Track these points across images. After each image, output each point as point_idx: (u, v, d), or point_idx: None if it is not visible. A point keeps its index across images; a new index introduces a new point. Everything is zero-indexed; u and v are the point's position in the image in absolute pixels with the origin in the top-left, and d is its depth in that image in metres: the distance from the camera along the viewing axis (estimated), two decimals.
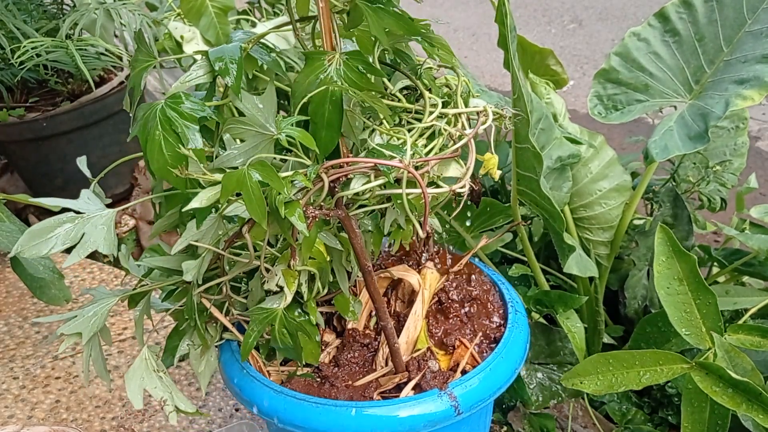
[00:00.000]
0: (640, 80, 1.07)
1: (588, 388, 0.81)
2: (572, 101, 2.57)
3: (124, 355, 1.38)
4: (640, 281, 1.14)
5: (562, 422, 1.14)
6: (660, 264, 0.84)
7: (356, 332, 0.83)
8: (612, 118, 1.08)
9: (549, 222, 0.96)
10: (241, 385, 0.77)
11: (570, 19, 3.59)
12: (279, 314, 0.71)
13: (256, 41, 0.64)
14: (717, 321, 0.81)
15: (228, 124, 0.59)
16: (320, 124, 0.60)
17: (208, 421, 1.20)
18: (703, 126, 0.93)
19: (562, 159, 0.99)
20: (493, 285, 0.91)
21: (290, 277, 0.69)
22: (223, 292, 0.76)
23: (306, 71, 0.60)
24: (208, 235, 0.67)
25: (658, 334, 1.01)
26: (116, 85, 1.86)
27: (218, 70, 0.59)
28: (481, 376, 0.75)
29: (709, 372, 0.76)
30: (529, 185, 0.93)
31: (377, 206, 0.68)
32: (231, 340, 0.83)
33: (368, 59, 0.60)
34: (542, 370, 1.04)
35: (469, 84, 0.76)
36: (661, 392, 1.12)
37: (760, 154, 2.14)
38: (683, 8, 1.04)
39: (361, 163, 0.62)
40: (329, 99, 0.59)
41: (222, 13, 0.87)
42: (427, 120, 0.68)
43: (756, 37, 0.97)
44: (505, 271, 1.08)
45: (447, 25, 0.78)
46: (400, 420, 0.70)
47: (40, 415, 1.24)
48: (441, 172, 0.69)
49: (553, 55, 1.18)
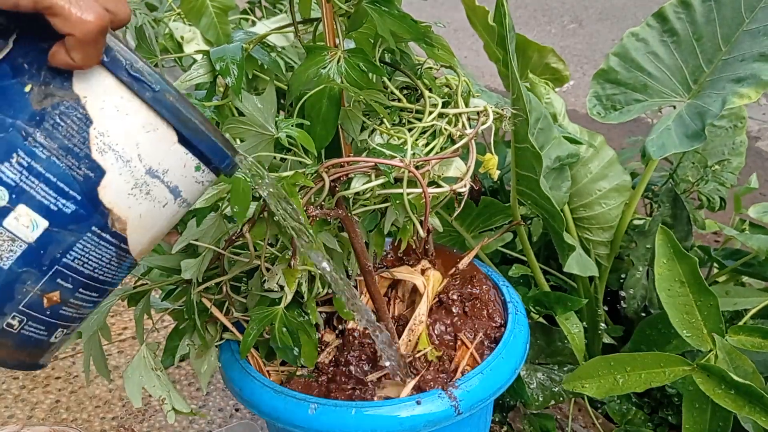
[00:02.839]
0: (638, 80, 1.07)
1: (590, 391, 0.81)
2: (572, 101, 2.57)
3: (124, 355, 1.38)
4: (639, 281, 1.14)
5: (562, 422, 1.14)
6: (661, 266, 0.84)
7: (356, 332, 0.83)
8: (611, 118, 1.08)
9: (549, 222, 0.96)
10: (241, 385, 0.77)
11: (570, 19, 3.59)
12: (279, 313, 0.71)
13: (258, 41, 0.64)
14: (718, 323, 0.81)
15: (228, 123, 0.59)
16: (316, 120, 0.60)
17: (208, 421, 1.20)
18: (700, 124, 0.93)
19: (561, 159, 0.99)
20: (493, 285, 0.91)
21: (291, 277, 0.69)
22: (223, 291, 0.76)
23: (306, 64, 0.60)
24: (208, 234, 0.67)
25: (658, 336, 1.01)
26: None
27: (219, 69, 0.59)
28: (481, 377, 0.75)
29: (711, 374, 0.76)
30: (529, 185, 0.93)
31: (378, 206, 0.68)
32: (231, 340, 0.83)
33: (369, 57, 0.60)
34: (542, 370, 1.04)
35: (470, 84, 0.76)
36: (661, 392, 1.12)
37: (760, 154, 2.14)
38: (681, 8, 1.04)
39: (361, 162, 0.62)
40: (327, 95, 0.59)
41: (222, 13, 0.87)
42: (427, 120, 0.68)
43: (753, 36, 0.97)
44: (505, 271, 1.08)
45: (447, 25, 0.78)
46: (401, 420, 0.70)
47: (40, 415, 1.24)
48: (441, 171, 0.69)
49: (553, 53, 1.18)
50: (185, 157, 0.45)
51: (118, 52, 0.41)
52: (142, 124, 0.42)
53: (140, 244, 0.46)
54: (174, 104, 0.43)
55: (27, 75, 0.40)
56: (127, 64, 0.41)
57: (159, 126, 0.43)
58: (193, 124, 0.44)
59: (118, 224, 0.43)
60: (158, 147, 0.43)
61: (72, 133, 0.41)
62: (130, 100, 0.42)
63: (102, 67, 0.41)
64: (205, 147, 0.45)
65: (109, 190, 0.42)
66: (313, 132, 0.60)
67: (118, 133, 0.42)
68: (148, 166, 0.43)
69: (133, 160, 0.42)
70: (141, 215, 0.44)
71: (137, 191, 0.43)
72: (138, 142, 0.42)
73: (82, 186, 0.41)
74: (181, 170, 0.45)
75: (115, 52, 0.41)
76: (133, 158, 0.42)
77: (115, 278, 0.46)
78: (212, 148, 0.45)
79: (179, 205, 0.46)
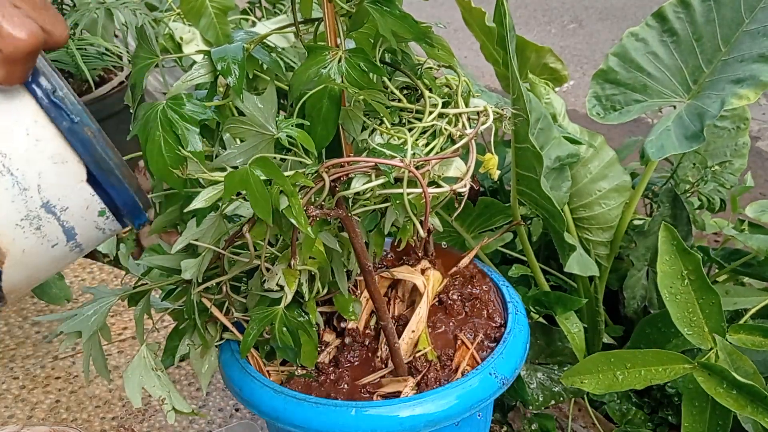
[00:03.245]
0: (638, 80, 1.07)
1: (589, 387, 0.81)
2: (572, 101, 2.57)
3: (124, 355, 1.38)
4: (639, 281, 1.14)
5: (562, 422, 1.14)
6: (663, 263, 0.84)
7: (356, 332, 0.83)
8: (610, 119, 1.08)
9: (549, 222, 0.96)
10: (241, 385, 0.78)
11: (570, 19, 3.59)
12: (279, 313, 0.71)
13: (259, 42, 0.64)
14: (720, 321, 0.81)
15: (228, 123, 0.59)
16: (317, 120, 0.61)
17: (208, 421, 1.20)
18: (699, 125, 0.93)
19: (561, 159, 0.99)
20: (493, 285, 0.91)
21: (291, 277, 0.69)
22: (223, 291, 0.76)
23: (307, 64, 0.60)
24: (208, 234, 0.67)
25: (658, 334, 1.01)
26: (116, 85, 1.86)
27: (221, 69, 0.59)
28: (481, 377, 0.75)
29: (712, 373, 0.76)
30: (529, 185, 0.93)
31: (378, 206, 0.68)
32: (231, 340, 0.83)
33: (370, 57, 0.60)
34: (542, 370, 1.04)
35: (470, 84, 0.76)
36: (661, 392, 1.12)
37: (760, 154, 2.14)
38: (681, 8, 1.04)
39: (362, 162, 0.62)
40: (327, 95, 0.59)
41: (222, 14, 0.87)
42: (427, 120, 0.68)
43: (753, 37, 0.97)
44: (505, 271, 1.08)
45: (447, 25, 0.78)
46: (401, 420, 0.70)
47: (40, 415, 1.24)
48: (441, 171, 0.69)
49: (551, 53, 1.18)
50: (90, 199, 0.41)
51: (44, 75, 0.38)
52: (50, 154, 0.39)
53: (14, 284, 0.41)
54: (90, 140, 0.40)
55: None
56: (50, 89, 0.38)
57: (69, 159, 0.40)
58: (108, 165, 0.41)
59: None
60: (62, 182, 0.40)
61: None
62: (44, 126, 0.39)
63: (23, 86, 0.38)
64: (115, 193, 0.42)
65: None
66: (313, 132, 0.60)
67: (22, 157, 0.38)
68: (45, 200, 0.39)
69: (30, 189, 0.39)
70: (24, 251, 0.40)
71: (27, 224, 0.39)
72: (41, 171, 0.39)
73: None
74: (82, 212, 0.41)
75: (41, 74, 0.38)
76: (31, 187, 0.39)
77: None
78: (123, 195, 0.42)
79: (71, 248, 0.43)
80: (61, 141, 0.39)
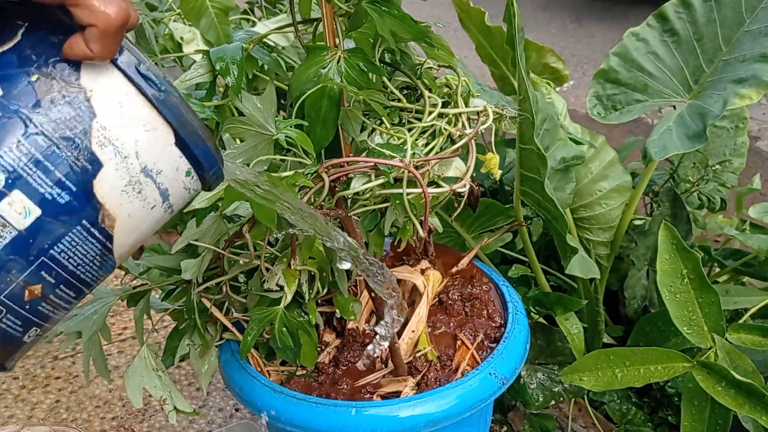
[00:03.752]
0: (639, 80, 1.07)
1: (588, 384, 0.80)
2: (572, 101, 2.57)
3: (124, 355, 1.38)
4: (639, 281, 1.14)
5: (562, 422, 1.14)
6: (663, 262, 0.84)
7: (356, 332, 0.83)
8: (611, 119, 1.08)
9: (551, 223, 0.96)
10: (241, 385, 0.77)
11: (570, 19, 3.59)
12: (279, 313, 0.71)
13: (258, 41, 0.64)
14: (719, 320, 0.80)
15: (227, 123, 0.59)
16: (316, 120, 0.61)
17: (208, 421, 1.20)
18: (702, 125, 0.93)
19: (566, 160, 0.98)
20: (493, 285, 0.91)
21: (291, 277, 0.69)
22: (223, 291, 0.76)
23: (306, 64, 0.60)
24: (208, 234, 0.67)
25: (657, 333, 1.01)
26: None
27: (219, 69, 0.59)
28: (481, 377, 0.75)
29: (711, 372, 0.76)
30: (533, 186, 0.93)
31: (377, 206, 0.68)
32: (231, 340, 0.83)
33: (369, 57, 0.60)
34: (542, 370, 1.04)
35: (470, 84, 0.76)
36: (661, 392, 1.12)
37: (760, 154, 2.14)
38: (682, 8, 1.04)
39: (361, 162, 0.62)
40: (326, 95, 0.59)
41: (222, 14, 0.87)
42: (427, 120, 0.68)
43: (754, 37, 0.97)
44: (505, 271, 1.08)
45: (447, 25, 0.78)
46: (401, 420, 0.70)
47: (40, 415, 1.24)
48: (441, 172, 0.69)
49: (552, 53, 1.18)
50: (179, 161, 0.45)
51: (128, 50, 0.42)
52: (143, 122, 0.43)
53: (123, 246, 0.46)
54: (176, 105, 0.43)
55: (34, 65, 0.41)
56: (136, 63, 0.42)
57: (159, 126, 0.43)
58: (192, 128, 0.44)
59: (108, 221, 0.43)
60: (155, 146, 0.44)
61: (75, 124, 0.41)
62: (134, 97, 0.42)
63: (111, 63, 0.42)
64: (199, 152, 0.45)
65: (104, 184, 0.42)
66: (313, 132, 0.60)
67: (120, 128, 0.42)
68: (143, 165, 0.43)
69: (130, 156, 0.43)
70: (130, 214, 0.44)
71: (130, 189, 0.43)
72: (137, 139, 0.43)
73: (78, 177, 0.41)
74: (173, 173, 0.45)
75: (126, 49, 0.42)
76: (130, 155, 0.43)
77: (93, 280, 0.46)
78: (206, 153, 0.46)
79: (165, 209, 0.47)
80: (150, 109, 0.43)
